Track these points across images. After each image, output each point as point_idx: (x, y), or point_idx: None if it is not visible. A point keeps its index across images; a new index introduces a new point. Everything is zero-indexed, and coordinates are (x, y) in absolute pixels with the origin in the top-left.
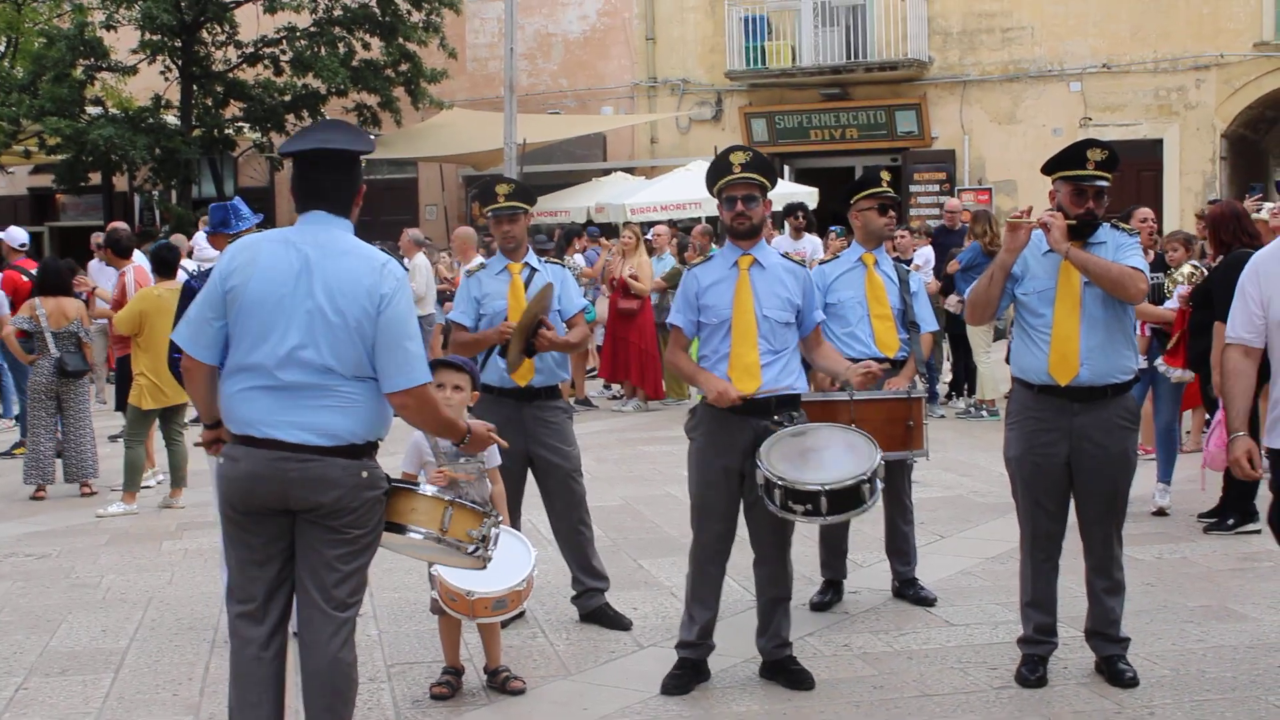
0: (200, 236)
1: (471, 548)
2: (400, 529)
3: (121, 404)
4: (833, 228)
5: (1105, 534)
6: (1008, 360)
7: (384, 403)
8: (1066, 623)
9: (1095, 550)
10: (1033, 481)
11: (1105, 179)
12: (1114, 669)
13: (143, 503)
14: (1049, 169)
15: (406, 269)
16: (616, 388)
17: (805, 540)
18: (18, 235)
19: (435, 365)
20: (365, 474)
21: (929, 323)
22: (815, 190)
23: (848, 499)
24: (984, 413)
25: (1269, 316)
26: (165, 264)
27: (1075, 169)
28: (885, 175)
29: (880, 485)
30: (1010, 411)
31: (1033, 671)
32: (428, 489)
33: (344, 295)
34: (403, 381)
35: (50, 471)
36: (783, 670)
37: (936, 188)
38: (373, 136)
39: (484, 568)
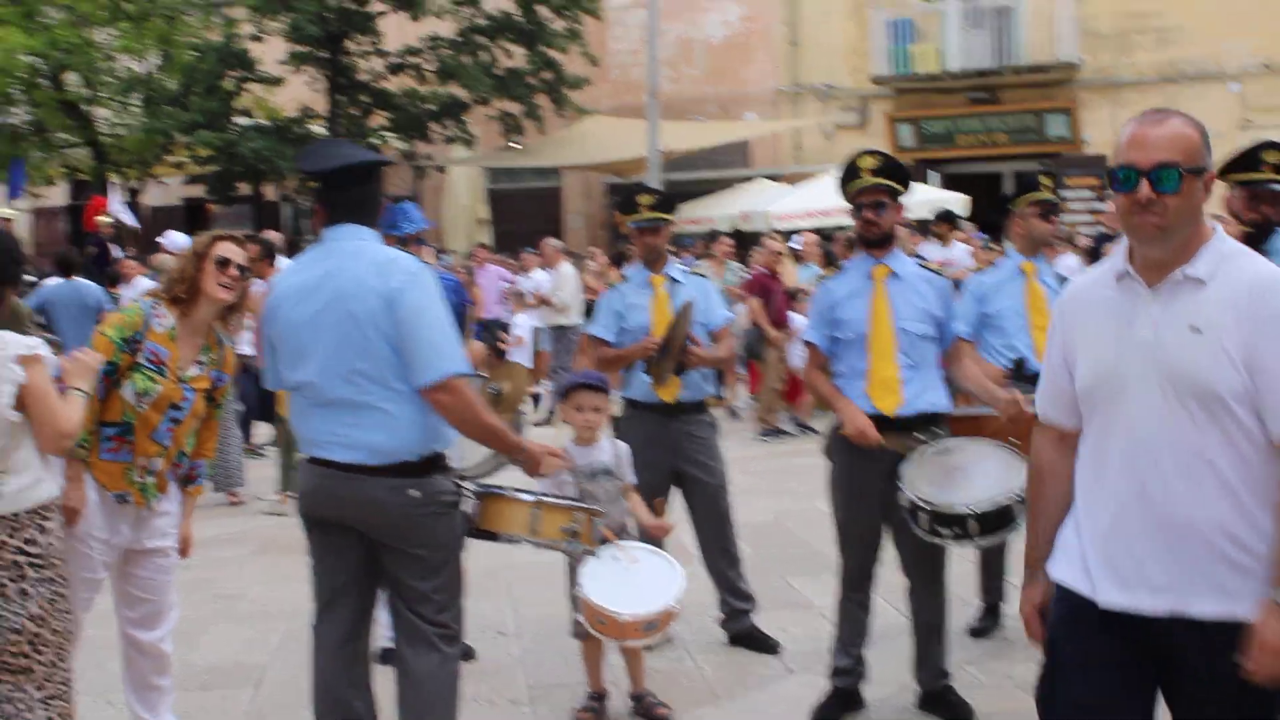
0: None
1: (566, 544)
2: (491, 536)
3: (265, 413)
4: (977, 235)
5: None
6: None
7: (435, 414)
8: None
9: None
10: None
11: None
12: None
13: (290, 512)
14: (1221, 173)
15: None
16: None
17: (962, 560)
18: (177, 240)
19: (572, 387)
20: (416, 492)
21: None
22: (964, 197)
23: (999, 519)
24: None
25: (1075, 382)
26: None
27: (1249, 172)
28: (1046, 179)
29: None
30: None
31: None
32: (514, 492)
33: (356, 299)
34: (430, 374)
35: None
36: (941, 702)
37: (1089, 194)
38: (516, 146)
39: (586, 556)
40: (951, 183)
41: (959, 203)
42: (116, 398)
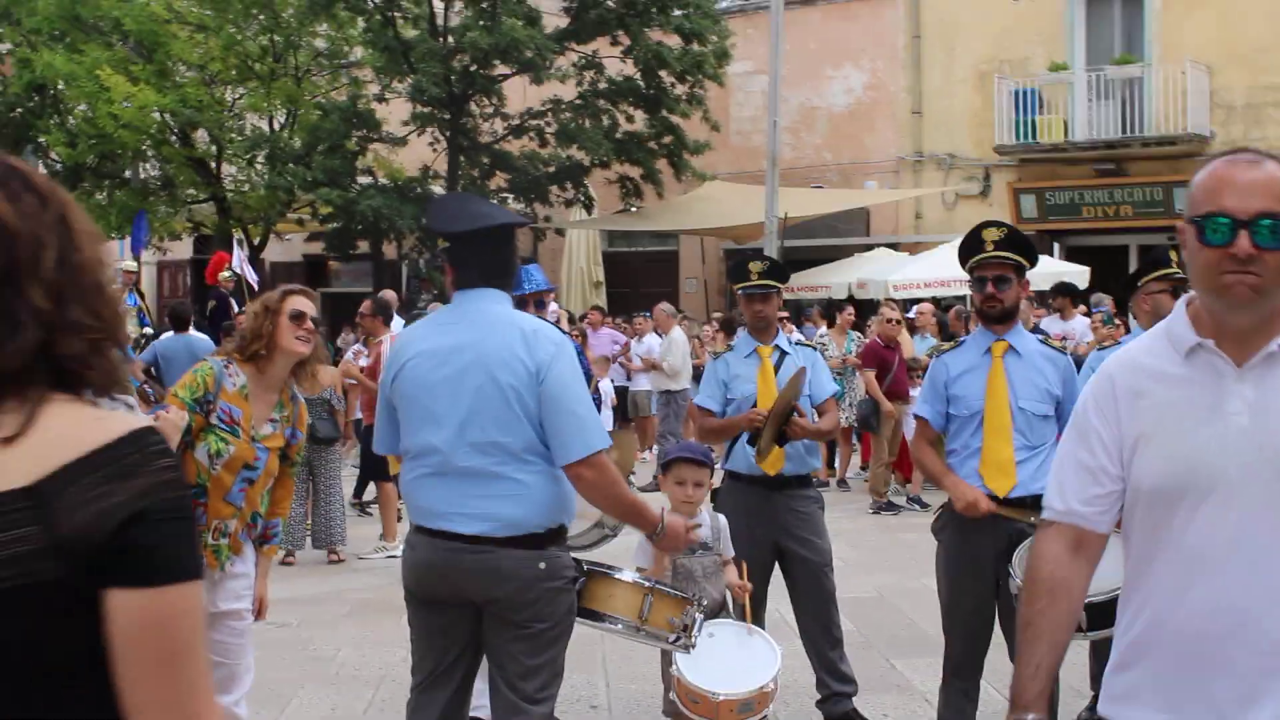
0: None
1: (673, 637)
2: (598, 617)
3: (369, 473)
4: (1096, 309)
5: None
6: None
7: (562, 486)
8: None
9: None
10: None
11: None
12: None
13: (387, 575)
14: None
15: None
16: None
17: (1076, 649)
18: None
19: (673, 461)
20: (544, 565)
21: None
22: (1086, 270)
23: (1112, 611)
24: None
25: (1132, 476)
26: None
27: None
28: (1176, 255)
29: None
30: None
31: None
32: (626, 575)
33: (501, 367)
34: (577, 450)
35: (300, 537)
36: None
37: None
38: (634, 209)
39: (688, 653)
40: (1074, 255)
41: (1079, 275)
42: (190, 460)
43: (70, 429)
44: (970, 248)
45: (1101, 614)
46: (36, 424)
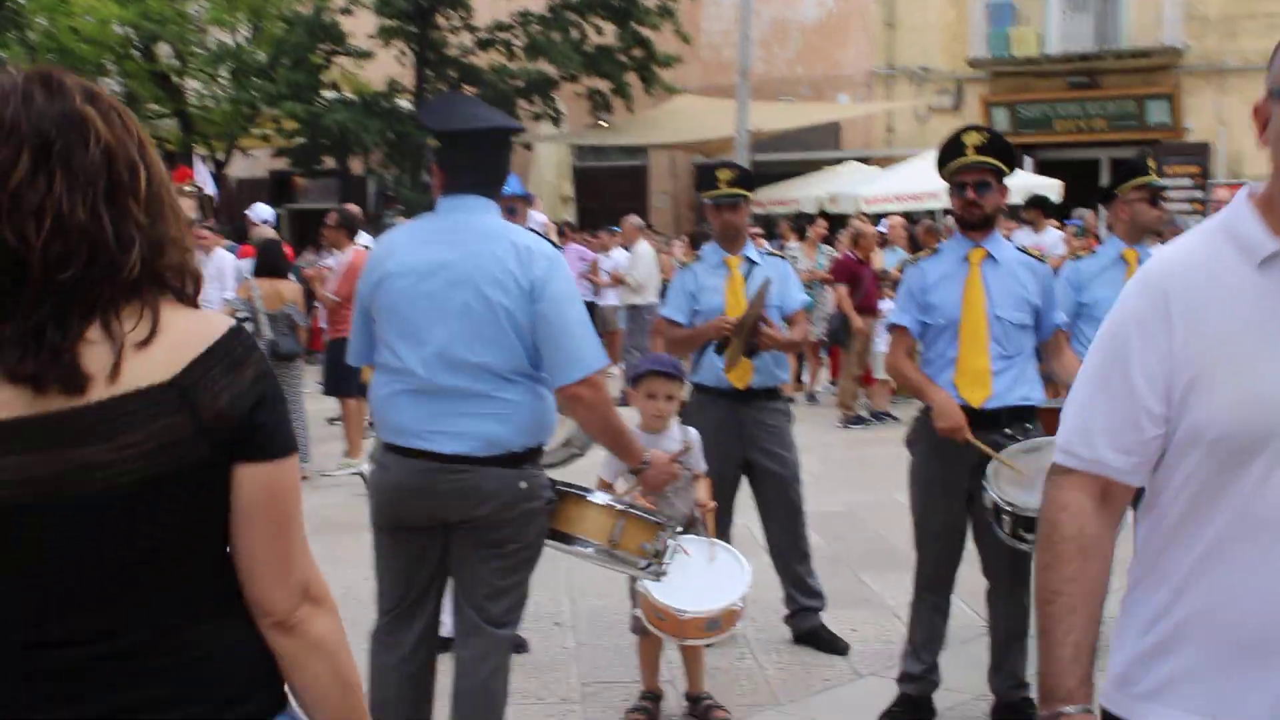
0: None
1: (644, 563)
2: (567, 539)
3: (333, 388)
4: (1070, 222)
5: None
6: None
7: (545, 404)
8: None
9: None
10: None
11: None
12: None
13: (351, 492)
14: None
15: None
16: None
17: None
18: (263, 212)
19: (645, 373)
20: (524, 484)
21: None
22: (1059, 183)
23: None
24: None
25: (1186, 421)
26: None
27: None
28: (1152, 163)
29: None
30: None
31: None
32: (599, 497)
33: (492, 284)
34: (577, 370)
35: None
36: (1019, 713)
37: (1189, 182)
38: (604, 124)
39: (658, 580)
40: (1046, 169)
41: (1051, 189)
42: None
43: (188, 329)
44: (950, 152)
45: None
46: (161, 327)
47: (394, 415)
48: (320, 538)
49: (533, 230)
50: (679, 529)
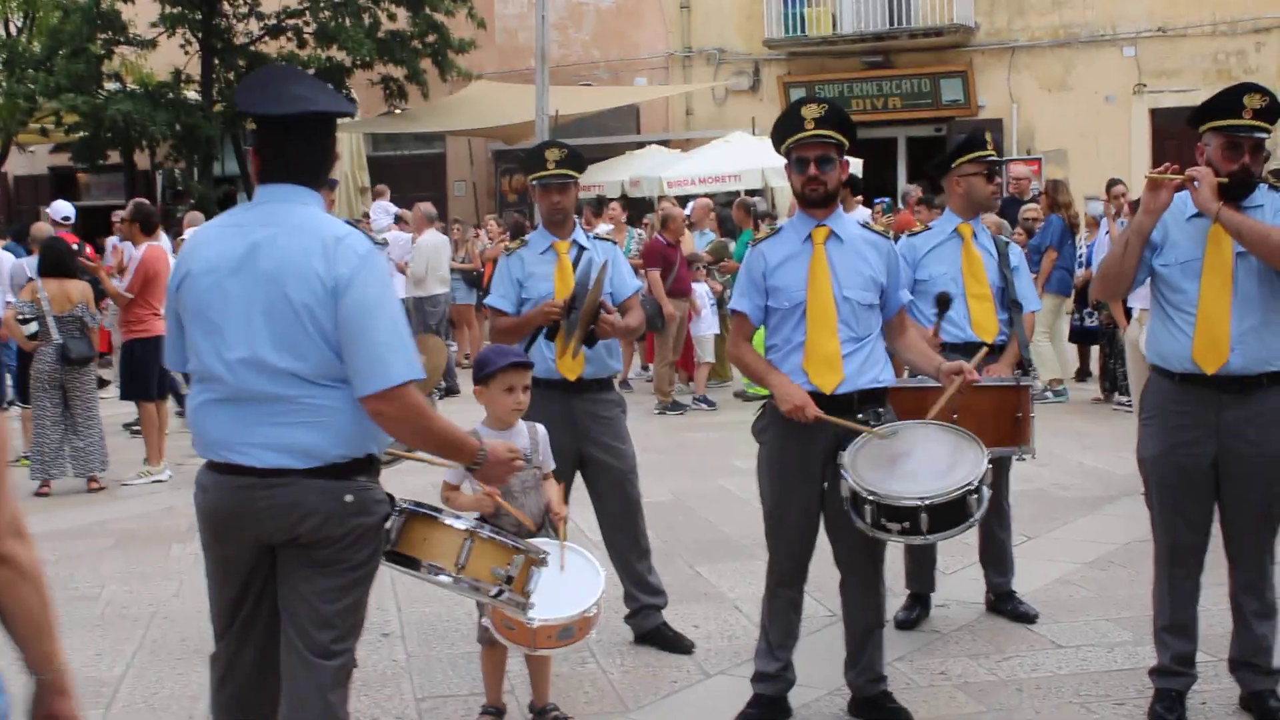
0: (380, 205)
1: (495, 589)
2: (411, 563)
3: (129, 392)
4: (877, 200)
5: (1258, 547)
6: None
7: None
8: (1202, 648)
9: (1245, 566)
10: (1173, 486)
11: (1265, 130)
12: (1265, 707)
13: (153, 502)
14: (1197, 119)
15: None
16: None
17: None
18: (61, 209)
19: (503, 368)
20: (350, 497)
21: (1032, 301)
22: (859, 161)
23: (952, 513)
24: (1049, 393)
25: None
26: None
27: (1229, 118)
28: (988, 135)
29: (987, 494)
30: (1146, 404)
31: (1170, 710)
32: (448, 517)
33: (296, 281)
34: (375, 382)
35: (58, 465)
36: (877, 708)
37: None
38: (399, 111)
39: (523, 613)
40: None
41: (855, 168)
42: None
43: None
44: (788, 126)
45: (943, 516)
46: None
47: (205, 427)
48: (123, 551)
49: (382, 222)
50: (543, 553)
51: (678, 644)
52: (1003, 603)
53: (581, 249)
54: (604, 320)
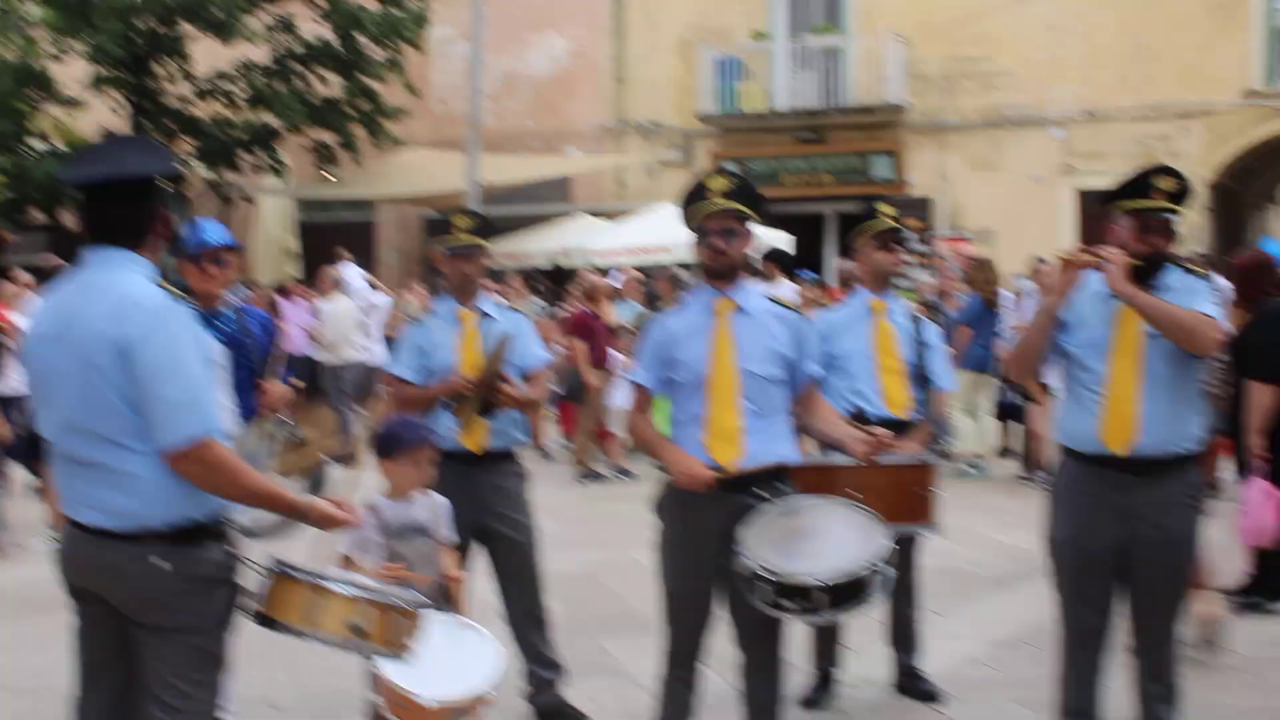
0: (347, 270)
1: (347, 642)
2: (274, 624)
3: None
4: (802, 272)
5: (1163, 633)
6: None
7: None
8: None
9: (1150, 650)
10: (1079, 570)
11: (1176, 212)
12: None
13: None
14: (1109, 198)
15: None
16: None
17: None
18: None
19: (416, 443)
20: (164, 564)
21: (945, 379)
22: (790, 236)
23: (852, 592)
24: (968, 469)
25: None
26: None
27: (1140, 199)
28: (887, 208)
29: (890, 573)
30: (1056, 485)
31: None
32: (301, 572)
33: (94, 344)
34: (168, 440)
35: None
36: None
37: (913, 236)
38: (330, 177)
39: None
40: (776, 223)
41: (783, 243)
42: None
43: None
44: (694, 198)
45: (842, 595)
46: None
47: (59, 483)
48: (12, 618)
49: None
50: (400, 602)
51: None
52: (909, 682)
53: (489, 318)
54: (502, 391)
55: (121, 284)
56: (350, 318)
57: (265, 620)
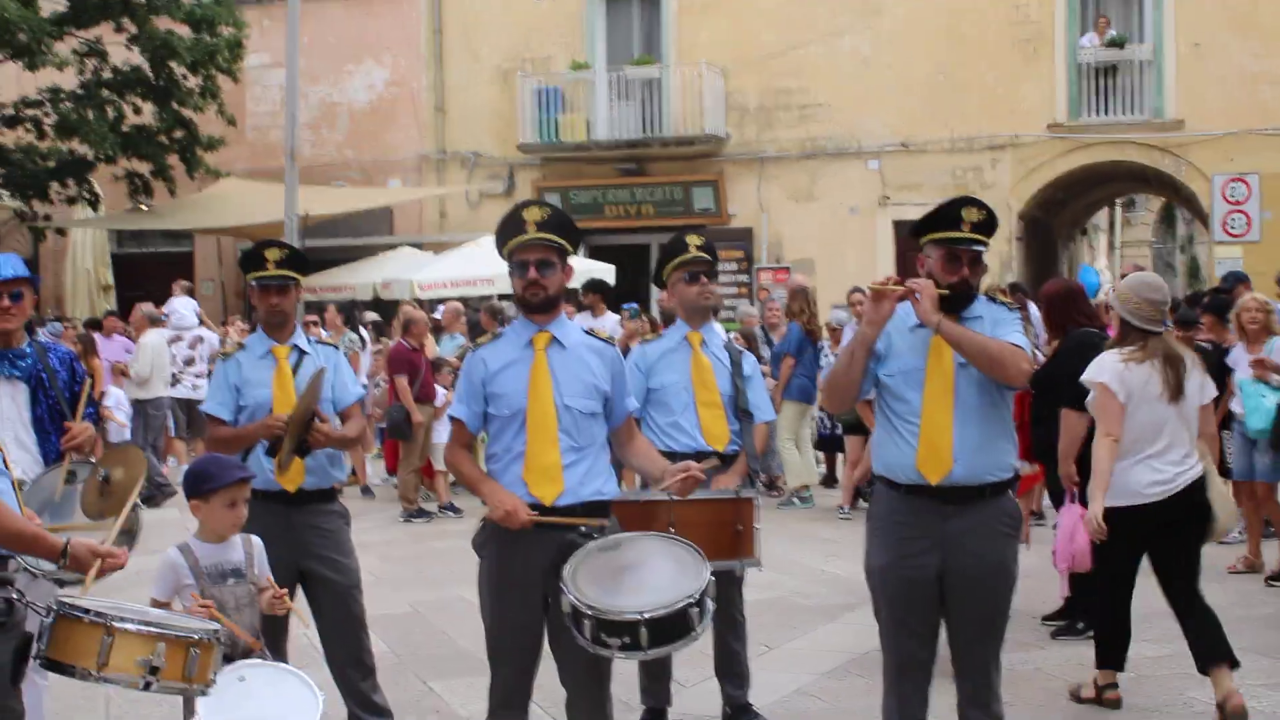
0: (179, 301)
1: (144, 682)
2: (62, 668)
3: None
4: (626, 306)
5: (983, 659)
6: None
7: None
8: None
9: (971, 678)
10: (899, 599)
11: (983, 243)
12: None
13: None
14: (918, 230)
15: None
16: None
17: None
18: None
19: (231, 483)
20: None
21: (765, 411)
22: (612, 267)
23: (673, 627)
24: (795, 500)
25: None
26: None
27: (948, 230)
28: (694, 239)
29: (711, 606)
30: (872, 515)
31: None
32: (80, 612)
33: None
34: None
35: None
36: None
37: (734, 266)
38: (145, 207)
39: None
40: (598, 254)
41: (605, 273)
42: None
43: None
44: (509, 229)
45: (664, 630)
46: None
47: None
48: None
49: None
50: (197, 635)
51: None
52: (739, 716)
53: (302, 354)
54: (317, 429)
55: None
56: (166, 353)
57: (53, 665)
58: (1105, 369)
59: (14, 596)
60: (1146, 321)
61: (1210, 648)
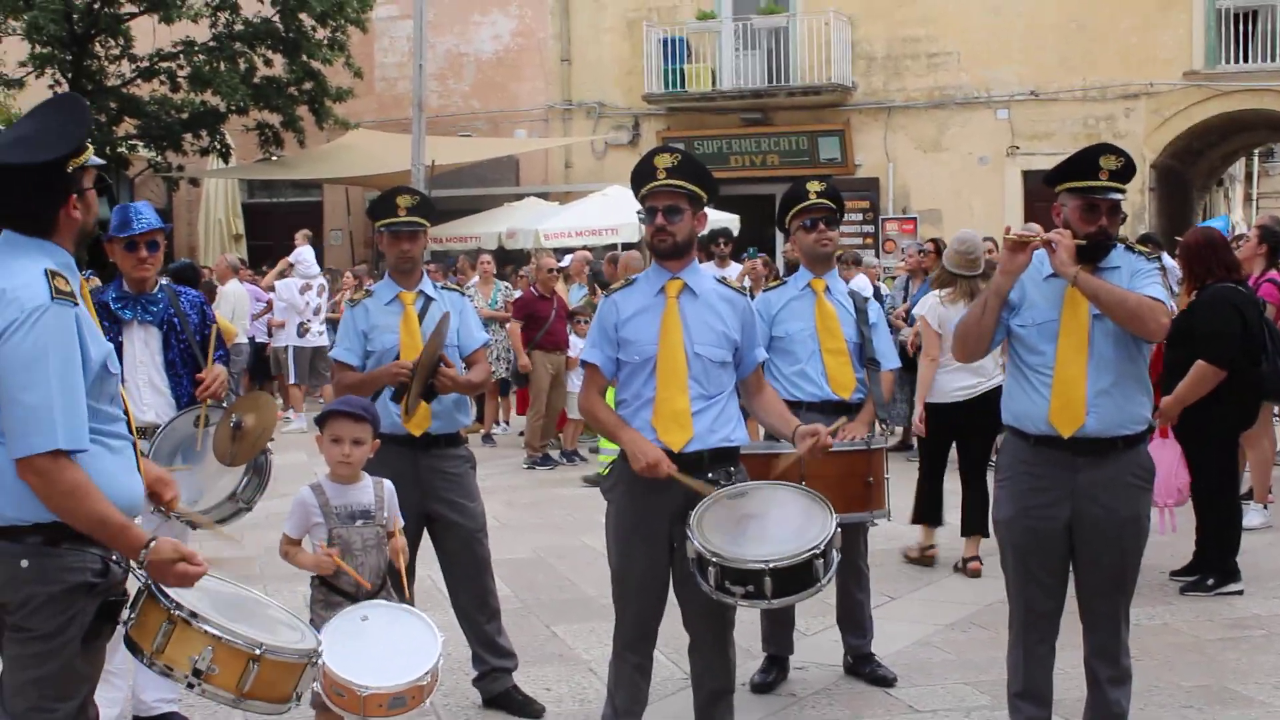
0: (305, 250)
1: (186, 680)
2: (133, 647)
3: None
4: (747, 251)
5: (1112, 612)
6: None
7: None
8: (1057, 712)
9: (1099, 631)
10: (1027, 550)
11: (1121, 191)
12: None
13: None
14: (1053, 179)
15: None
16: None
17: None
18: None
19: (329, 415)
20: (26, 563)
21: (890, 359)
22: (736, 217)
23: (797, 577)
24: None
25: None
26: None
27: (1085, 179)
28: (815, 185)
29: (836, 557)
30: (1001, 466)
31: None
32: (169, 601)
33: None
34: (15, 448)
35: None
36: None
37: (860, 217)
38: (275, 158)
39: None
40: (723, 204)
41: (730, 223)
42: None
43: None
44: (641, 176)
45: (787, 581)
46: None
47: None
48: None
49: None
50: (258, 648)
51: (527, 708)
52: (861, 665)
53: (429, 300)
54: (443, 374)
55: (4, 273)
56: (248, 301)
57: (128, 642)
58: (926, 306)
59: (112, 557)
60: (958, 268)
61: (974, 521)
